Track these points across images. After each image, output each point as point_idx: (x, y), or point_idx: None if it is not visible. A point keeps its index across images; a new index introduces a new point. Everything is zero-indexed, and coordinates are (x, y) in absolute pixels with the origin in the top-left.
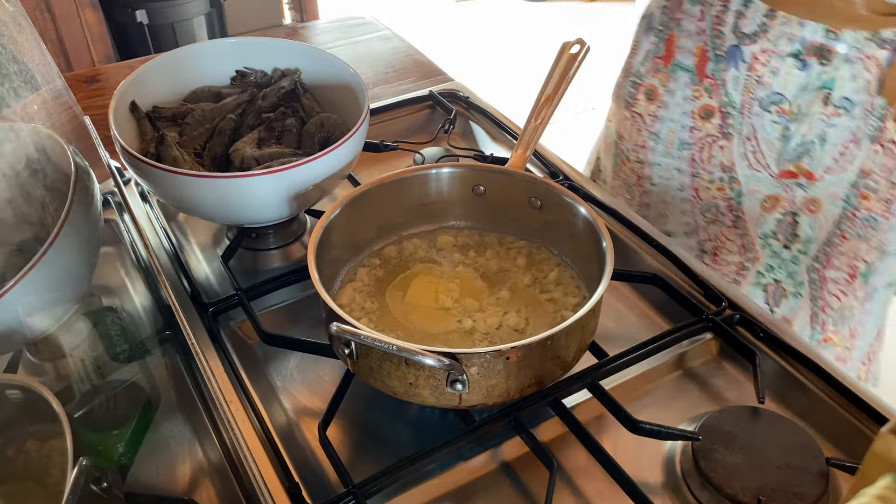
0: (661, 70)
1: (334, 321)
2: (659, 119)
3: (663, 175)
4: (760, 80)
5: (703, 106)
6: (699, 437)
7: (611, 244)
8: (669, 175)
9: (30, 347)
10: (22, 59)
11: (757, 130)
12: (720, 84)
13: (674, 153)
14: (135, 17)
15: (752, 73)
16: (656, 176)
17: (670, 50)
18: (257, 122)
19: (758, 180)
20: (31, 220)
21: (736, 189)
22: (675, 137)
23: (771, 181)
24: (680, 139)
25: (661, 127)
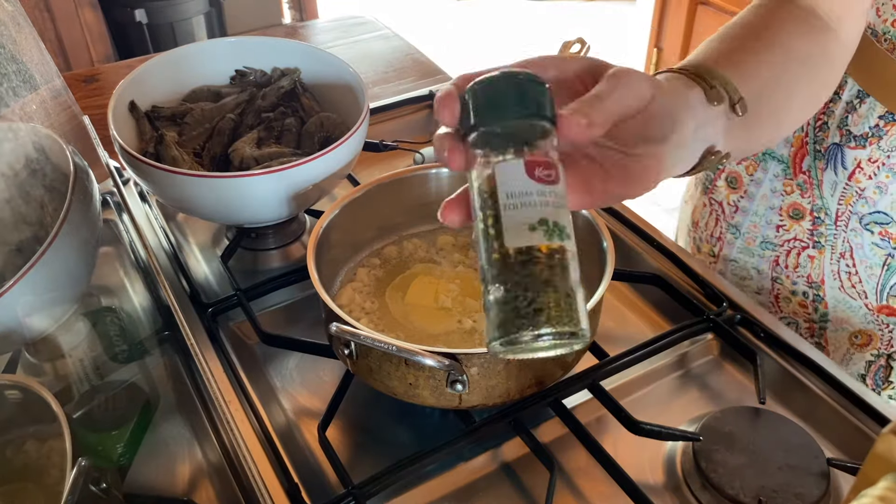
0: (748, 157)
1: (334, 321)
2: (741, 211)
3: (739, 273)
4: (863, 194)
5: (794, 204)
6: (700, 437)
7: (611, 244)
8: (746, 274)
9: (29, 347)
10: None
11: (854, 249)
12: (815, 184)
13: (755, 251)
14: (134, 17)
15: (854, 182)
16: (730, 273)
17: None
18: (257, 121)
19: (850, 308)
20: (29, 220)
21: (821, 311)
22: (759, 234)
23: (865, 314)
24: (763, 237)
25: (743, 220)
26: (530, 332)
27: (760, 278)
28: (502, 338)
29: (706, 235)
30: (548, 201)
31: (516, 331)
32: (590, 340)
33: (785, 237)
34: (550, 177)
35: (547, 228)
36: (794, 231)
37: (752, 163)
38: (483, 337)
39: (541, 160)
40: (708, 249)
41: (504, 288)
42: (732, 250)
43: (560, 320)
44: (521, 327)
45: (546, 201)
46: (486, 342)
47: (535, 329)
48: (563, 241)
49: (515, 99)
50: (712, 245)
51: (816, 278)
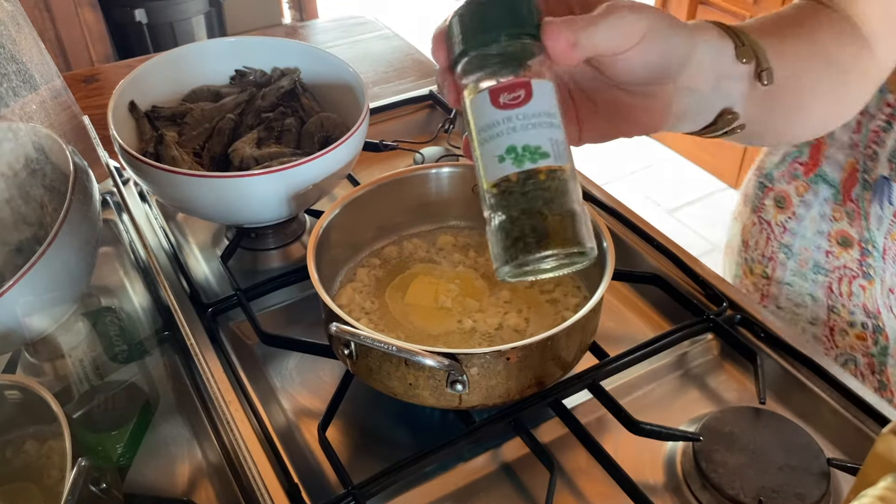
0: (799, 177)
1: (334, 321)
2: (790, 232)
3: (793, 299)
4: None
5: (841, 231)
6: (700, 437)
7: (611, 244)
8: (801, 301)
9: (28, 348)
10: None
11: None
12: (862, 215)
13: (808, 275)
14: (134, 17)
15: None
16: (784, 297)
17: (816, 157)
18: (256, 121)
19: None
20: (29, 220)
21: (881, 344)
22: (810, 257)
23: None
24: (815, 261)
25: (794, 241)
26: (525, 257)
27: (815, 306)
28: (502, 266)
29: (757, 255)
30: (514, 126)
31: (511, 258)
32: (594, 256)
33: (835, 263)
34: (518, 99)
35: (515, 155)
36: (843, 259)
37: (803, 184)
38: (483, 337)
39: (505, 85)
40: (760, 271)
41: (497, 218)
42: (786, 273)
43: (555, 242)
44: (515, 254)
45: (512, 127)
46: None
47: (529, 254)
48: (538, 163)
49: (479, 23)
50: (764, 266)
51: (872, 309)
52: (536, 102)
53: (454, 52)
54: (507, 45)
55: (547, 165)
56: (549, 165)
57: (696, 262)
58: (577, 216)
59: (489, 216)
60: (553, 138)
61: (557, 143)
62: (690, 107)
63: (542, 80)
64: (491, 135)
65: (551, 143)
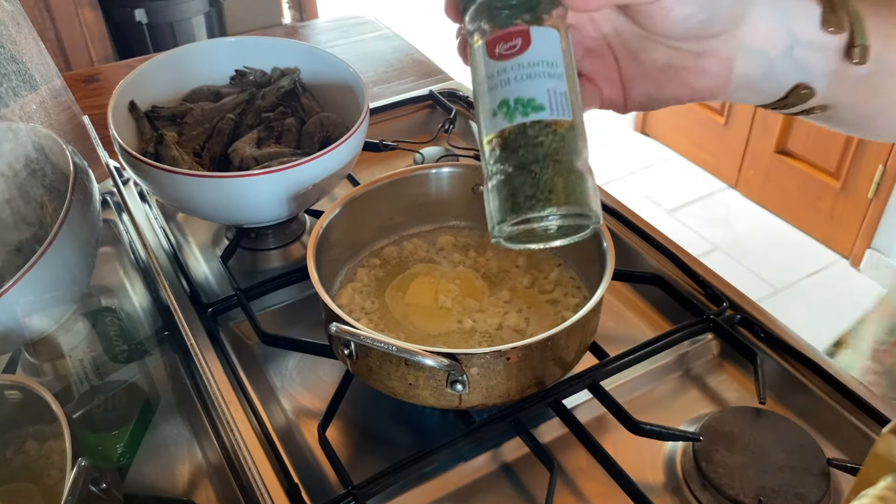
0: None
1: (334, 321)
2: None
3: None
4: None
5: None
6: (700, 437)
7: (611, 244)
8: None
9: (28, 348)
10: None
11: None
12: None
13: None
14: (134, 17)
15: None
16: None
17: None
18: (256, 121)
19: None
20: (29, 220)
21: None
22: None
23: None
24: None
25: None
26: (514, 216)
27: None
28: (493, 226)
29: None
30: (508, 77)
31: (501, 218)
32: (596, 223)
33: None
34: (513, 49)
35: (507, 109)
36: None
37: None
38: (483, 337)
39: (500, 34)
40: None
41: (492, 177)
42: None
43: (548, 201)
44: (504, 213)
45: (506, 79)
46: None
47: (518, 213)
48: (529, 115)
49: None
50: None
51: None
52: (535, 51)
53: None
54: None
55: (541, 119)
56: (544, 118)
57: (696, 262)
58: (578, 175)
59: (486, 175)
60: (552, 89)
61: (556, 95)
62: (755, 72)
63: (544, 27)
64: (487, 88)
65: (549, 95)
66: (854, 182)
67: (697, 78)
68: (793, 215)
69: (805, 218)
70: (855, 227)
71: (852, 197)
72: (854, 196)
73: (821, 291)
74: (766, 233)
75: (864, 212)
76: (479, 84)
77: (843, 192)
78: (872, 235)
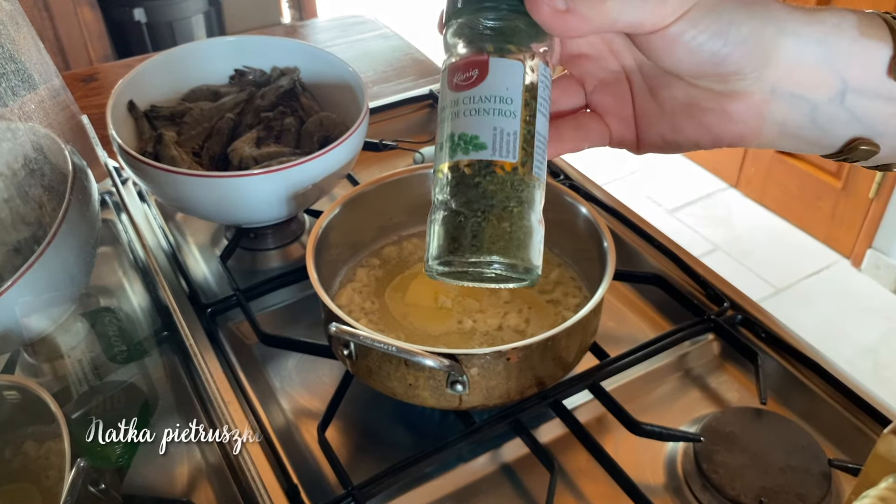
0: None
1: (333, 322)
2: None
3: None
4: None
5: None
6: (701, 438)
7: (612, 244)
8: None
9: (27, 348)
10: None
11: None
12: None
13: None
14: (133, 16)
15: None
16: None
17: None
18: (256, 121)
19: None
20: (28, 220)
21: None
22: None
23: None
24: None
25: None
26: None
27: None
28: (428, 259)
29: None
30: (458, 111)
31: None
32: (531, 279)
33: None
34: (470, 80)
35: (452, 143)
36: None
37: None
38: (483, 337)
39: (460, 63)
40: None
41: (438, 210)
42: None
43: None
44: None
45: (456, 111)
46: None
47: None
48: (469, 154)
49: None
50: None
51: None
52: (489, 84)
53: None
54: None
55: (481, 158)
56: (484, 158)
57: (697, 262)
58: (516, 225)
59: (433, 203)
60: (499, 128)
61: (504, 135)
62: (794, 120)
63: (508, 59)
64: (442, 118)
65: (494, 134)
66: (855, 182)
67: (721, 122)
68: (794, 215)
69: (806, 218)
70: (856, 226)
71: (853, 197)
72: (855, 196)
73: (822, 291)
74: (767, 233)
75: (865, 211)
76: (440, 111)
77: (844, 192)
78: (874, 235)
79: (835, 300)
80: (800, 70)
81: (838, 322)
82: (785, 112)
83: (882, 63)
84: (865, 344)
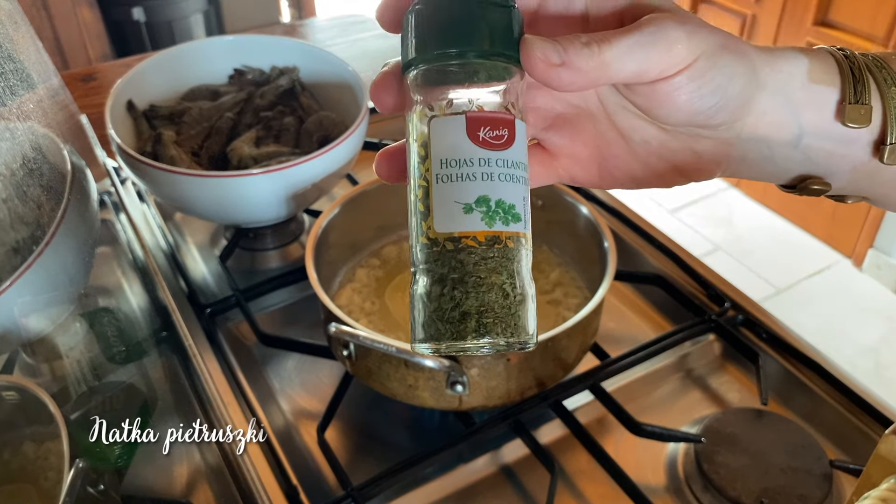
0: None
1: (333, 322)
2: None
3: None
4: None
5: None
6: (702, 439)
7: (613, 244)
8: None
9: (26, 348)
10: (18, 57)
11: None
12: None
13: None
14: (132, 15)
15: None
16: None
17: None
18: (255, 120)
19: None
20: (27, 220)
21: None
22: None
23: None
24: None
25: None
26: (452, 342)
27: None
28: (423, 342)
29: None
30: (493, 172)
31: (438, 337)
32: (534, 345)
33: None
34: (501, 139)
35: (488, 209)
36: None
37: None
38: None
39: (489, 117)
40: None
41: (430, 280)
42: None
43: (494, 329)
44: (443, 334)
45: (490, 173)
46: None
47: (459, 339)
48: (509, 226)
49: (460, 27)
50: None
51: None
52: (517, 149)
53: (409, 54)
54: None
55: (516, 232)
56: (518, 232)
57: (698, 263)
58: (531, 297)
59: (418, 277)
60: (525, 199)
61: (527, 206)
62: (758, 158)
63: (521, 121)
64: (460, 174)
65: (523, 205)
66: None
67: (690, 162)
68: (795, 215)
69: (807, 218)
70: (857, 226)
71: None
72: None
73: (823, 291)
74: (768, 233)
75: (866, 211)
76: (446, 162)
77: None
78: (875, 235)
79: (836, 300)
80: (764, 118)
81: (839, 322)
82: (745, 152)
83: (830, 108)
84: (867, 344)
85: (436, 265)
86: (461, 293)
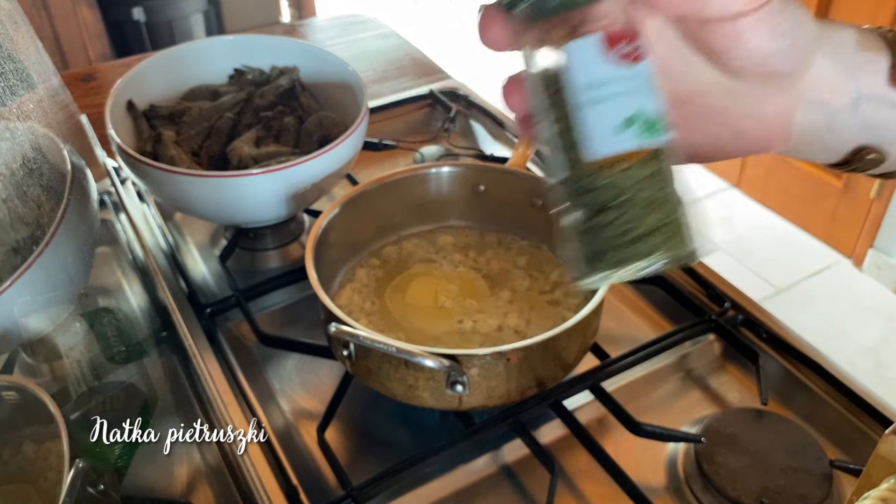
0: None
1: (333, 322)
2: None
3: None
4: None
5: None
6: (702, 439)
7: None
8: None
9: (26, 348)
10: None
11: None
12: None
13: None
14: (132, 15)
15: None
16: None
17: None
18: (255, 120)
19: None
20: (26, 220)
21: None
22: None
23: None
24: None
25: None
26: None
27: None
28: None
29: None
30: (637, 87)
31: (612, 266)
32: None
33: None
34: (635, 52)
35: (640, 126)
36: None
37: None
38: (483, 338)
39: (620, 32)
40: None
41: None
42: None
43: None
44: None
45: (637, 87)
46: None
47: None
48: (662, 137)
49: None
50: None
51: None
52: (651, 60)
53: None
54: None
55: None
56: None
57: (698, 262)
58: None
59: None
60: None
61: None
62: (818, 126)
63: None
64: (602, 95)
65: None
66: (856, 181)
67: (755, 127)
68: (795, 215)
69: (807, 217)
70: (857, 226)
71: (855, 196)
72: (856, 195)
73: (823, 291)
74: (768, 232)
75: (866, 211)
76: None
77: (845, 192)
78: (875, 235)
79: (836, 300)
80: (822, 78)
81: (839, 322)
82: (806, 117)
83: (883, 74)
84: (867, 344)
85: (595, 194)
86: (630, 216)
